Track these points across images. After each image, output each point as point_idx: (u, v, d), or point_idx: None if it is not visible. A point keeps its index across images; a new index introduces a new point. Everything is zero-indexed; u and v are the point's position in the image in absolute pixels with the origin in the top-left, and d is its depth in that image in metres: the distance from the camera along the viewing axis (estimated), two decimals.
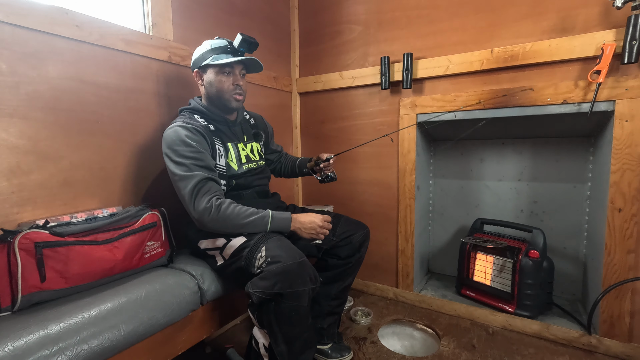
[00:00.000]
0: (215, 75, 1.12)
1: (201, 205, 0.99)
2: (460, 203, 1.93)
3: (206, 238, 1.12)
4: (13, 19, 0.92)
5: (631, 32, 1.16)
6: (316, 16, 1.96)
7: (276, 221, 1.05)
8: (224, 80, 1.12)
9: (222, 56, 1.11)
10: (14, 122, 0.94)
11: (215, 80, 1.12)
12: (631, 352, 1.28)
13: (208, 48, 1.12)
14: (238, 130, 1.25)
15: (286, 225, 1.07)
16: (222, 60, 1.09)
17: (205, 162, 1.04)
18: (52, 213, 1.02)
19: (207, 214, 0.99)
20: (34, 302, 0.81)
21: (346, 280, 1.29)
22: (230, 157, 1.16)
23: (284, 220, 1.07)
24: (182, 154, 1.02)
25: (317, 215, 1.12)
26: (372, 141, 1.63)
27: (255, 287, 0.92)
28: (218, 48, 1.12)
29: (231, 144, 1.18)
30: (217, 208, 0.99)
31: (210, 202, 0.99)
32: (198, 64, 1.14)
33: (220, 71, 1.12)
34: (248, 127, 1.31)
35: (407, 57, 1.60)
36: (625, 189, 1.25)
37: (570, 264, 1.65)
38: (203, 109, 1.16)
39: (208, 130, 1.12)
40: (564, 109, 1.34)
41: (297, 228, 1.09)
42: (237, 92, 1.14)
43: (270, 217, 1.04)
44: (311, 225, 1.09)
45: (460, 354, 1.33)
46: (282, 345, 0.95)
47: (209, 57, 1.11)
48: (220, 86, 1.12)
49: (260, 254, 0.95)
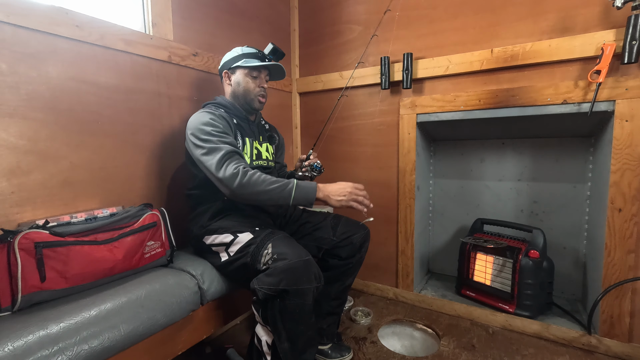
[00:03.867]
0: (243, 77, 1.23)
1: (229, 171, 1.02)
2: (460, 203, 1.92)
3: (212, 234, 1.13)
4: (13, 19, 0.92)
5: (631, 32, 1.16)
6: (316, 16, 1.96)
7: (301, 188, 1.05)
8: (251, 82, 1.23)
9: (252, 60, 1.22)
10: (14, 122, 0.94)
11: (243, 81, 1.23)
12: (631, 352, 1.28)
13: (239, 53, 1.24)
14: (255, 129, 1.32)
15: (311, 193, 1.06)
16: (253, 63, 1.21)
17: (231, 140, 1.10)
18: (52, 213, 1.02)
19: (235, 179, 1.01)
20: (34, 302, 0.81)
21: (346, 281, 1.29)
22: (245, 150, 1.23)
23: (309, 189, 1.06)
24: (209, 132, 1.08)
25: (347, 183, 1.12)
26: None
27: (261, 283, 0.94)
28: (249, 54, 1.23)
29: (248, 139, 1.24)
30: (244, 174, 1.02)
31: (238, 168, 1.03)
32: (228, 66, 1.24)
33: (248, 73, 1.23)
34: (263, 130, 1.38)
35: (407, 57, 1.60)
36: (625, 189, 1.25)
37: (570, 264, 1.65)
38: (227, 104, 1.25)
39: (231, 121, 1.21)
40: (564, 109, 1.34)
41: (325, 196, 1.08)
42: (261, 94, 1.26)
43: (295, 184, 1.05)
44: (341, 191, 1.08)
45: (460, 354, 1.33)
46: (285, 342, 0.95)
47: (240, 60, 1.22)
48: (247, 86, 1.23)
49: (267, 251, 0.97)
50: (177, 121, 1.39)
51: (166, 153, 1.35)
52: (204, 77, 1.50)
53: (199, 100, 1.47)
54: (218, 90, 1.57)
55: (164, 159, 1.34)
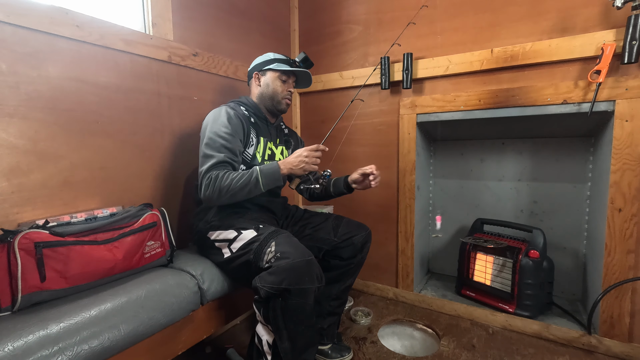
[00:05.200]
0: (273, 80, 1.28)
1: (204, 182, 1.08)
2: (460, 203, 1.92)
3: (217, 230, 1.14)
4: (13, 19, 0.92)
5: (631, 32, 1.16)
6: (316, 16, 1.96)
7: (265, 173, 1.09)
8: (280, 84, 1.28)
9: (283, 65, 1.28)
10: (14, 122, 0.94)
11: (272, 83, 1.28)
12: (631, 352, 1.28)
13: (272, 57, 1.30)
14: (273, 131, 1.36)
15: (276, 173, 1.11)
16: (284, 67, 1.27)
17: (232, 145, 1.13)
18: (52, 213, 1.02)
19: (209, 188, 1.07)
20: (34, 302, 0.81)
21: (347, 281, 1.29)
22: (259, 149, 1.26)
23: (272, 170, 1.11)
24: (217, 130, 1.13)
25: (300, 149, 1.15)
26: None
27: (263, 281, 0.94)
28: (281, 59, 1.29)
29: (263, 139, 1.28)
30: (214, 180, 1.06)
31: (210, 176, 1.07)
32: (260, 68, 1.30)
33: (279, 77, 1.28)
34: (282, 133, 1.42)
35: (407, 57, 1.60)
36: (625, 189, 1.25)
37: (570, 264, 1.65)
38: (249, 103, 1.30)
39: (248, 120, 1.24)
40: (564, 109, 1.34)
41: (289, 169, 1.12)
42: (288, 97, 1.31)
43: (258, 171, 1.09)
44: (298, 158, 1.12)
45: (460, 354, 1.33)
46: (286, 342, 0.96)
47: (273, 64, 1.28)
48: (275, 88, 1.28)
49: (270, 249, 0.97)
50: (177, 121, 1.39)
51: (166, 153, 1.35)
52: (204, 77, 1.50)
53: (199, 100, 1.48)
54: (218, 90, 1.57)
55: (164, 158, 1.34)
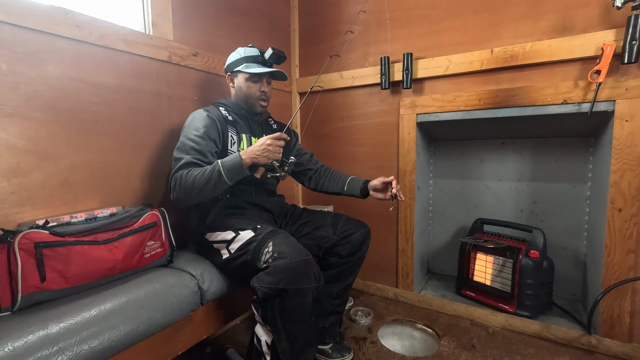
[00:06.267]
0: (244, 82, 1.25)
1: (171, 184, 1.08)
2: (460, 203, 1.92)
3: (215, 231, 1.14)
4: (13, 19, 0.92)
5: (631, 32, 1.16)
6: (316, 16, 1.96)
7: (227, 165, 1.04)
8: (252, 87, 1.25)
9: (252, 65, 1.23)
10: (13, 122, 0.94)
11: (244, 86, 1.25)
12: (631, 352, 1.28)
13: (241, 55, 1.25)
14: (257, 127, 1.33)
15: (238, 164, 1.05)
16: (252, 70, 1.22)
17: (200, 147, 1.11)
18: (52, 213, 1.02)
19: (175, 189, 1.06)
20: (34, 302, 0.81)
21: (348, 279, 1.29)
22: (242, 146, 1.24)
23: (234, 162, 1.05)
24: (187, 133, 1.13)
25: (263, 138, 1.10)
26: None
27: (260, 282, 0.94)
28: (250, 57, 1.24)
29: (245, 136, 1.26)
30: (179, 180, 1.06)
31: (175, 177, 1.06)
32: (231, 69, 1.26)
33: (249, 79, 1.24)
34: (269, 129, 1.39)
35: (407, 57, 1.60)
36: (625, 189, 1.25)
37: (570, 264, 1.65)
38: (228, 103, 1.29)
39: (224, 120, 1.22)
40: (564, 109, 1.34)
41: (250, 158, 1.05)
42: (262, 99, 1.27)
43: (220, 165, 1.04)
44: (261, 147, 1.06)
45: (460, 354, 1.33)
46: (284, 342, 0.95)
47: (241, 65, 1.23)
48: (248, 91, 1.25)
49: (267, 249, 0.97)
50: (177, 121, 1.38)
51: (166, 153, 1.35)
52: (204, 77, 1.50)
53: (199, 100, 1.47)
54: (218, 90, 1.57)
55: (164, 159, 1.34)
